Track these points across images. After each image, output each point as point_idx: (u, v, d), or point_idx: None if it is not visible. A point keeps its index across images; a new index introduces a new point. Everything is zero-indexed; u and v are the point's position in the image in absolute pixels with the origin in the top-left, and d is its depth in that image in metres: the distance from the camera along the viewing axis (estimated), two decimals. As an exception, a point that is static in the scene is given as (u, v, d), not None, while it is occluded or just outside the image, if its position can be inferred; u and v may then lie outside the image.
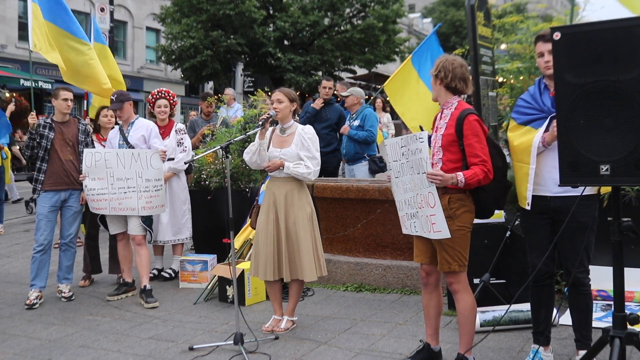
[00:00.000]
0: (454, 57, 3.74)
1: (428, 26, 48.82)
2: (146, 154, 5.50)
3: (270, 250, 4.48)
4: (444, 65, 3.65)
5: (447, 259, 3.56)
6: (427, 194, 3.49)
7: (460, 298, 3.64)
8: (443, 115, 3.69)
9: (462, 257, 3.58)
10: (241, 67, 25.70)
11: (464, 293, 3.64)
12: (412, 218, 3.69)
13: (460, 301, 3.64)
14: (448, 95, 3.68)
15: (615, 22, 2.70)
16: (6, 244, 8.67)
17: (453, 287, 3.64)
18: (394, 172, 3.83)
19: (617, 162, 2.70)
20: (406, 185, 3.70)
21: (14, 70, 21.37)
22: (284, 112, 4.52)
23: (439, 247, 3.58)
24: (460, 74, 3.63)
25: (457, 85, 3.64)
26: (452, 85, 3.64)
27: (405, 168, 3.68)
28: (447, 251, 3.55)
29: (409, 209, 3.71)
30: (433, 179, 3.43)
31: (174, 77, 29.47)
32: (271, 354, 4.14)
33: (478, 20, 4.83)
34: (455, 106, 3.65)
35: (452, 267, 3.56)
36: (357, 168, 7.43)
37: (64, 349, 4.43)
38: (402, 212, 3.82)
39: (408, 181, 3.67)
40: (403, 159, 3.68)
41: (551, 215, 3.52)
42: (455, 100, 3.68)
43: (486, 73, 5.00)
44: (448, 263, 3.56)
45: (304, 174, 4.42)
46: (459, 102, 3.68)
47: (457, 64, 3.65)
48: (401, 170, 3.73)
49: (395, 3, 25.04)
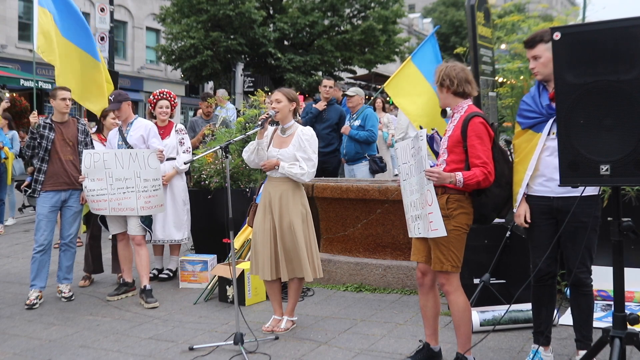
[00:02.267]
0: (452, 63, 3.76)
1: (428, 26, 48.83)
2: (144, 154, 5.50)
3: (267, 250, 4.49)
4: (446, 73, 3.66)
5: (441, 258, 3.55)
6: (425, 192, 3.49)
7: (452, 300, 3.63)
8: (453, 119, 3.72)
9: (456, 258, 3.56)
10: (241, 67, 25.69)
11: (455, 294, 3.62)
12: (417, 220, 3.68)
13: (453, 303, 3.64)
14: (457, 100, 3.69)
15: (615, 22, 2.70)
16: (6, 244, 8.67)
17: (445, 288, 3.63)
18: (402, 175, 3.84)
19: (617, 162, 2.70)
20: (413, 186, 3.71)
21: (14, 70, 21.36)
22: (283, 112, 4.52)
23: (434, 245, 3.58)
24: (464, 77, 3.65)
25: (465, 89, 3.66)
26: (460, 90, 3.65)
27: (412, 169, 3.69)
28: (441, 250, 3.55)
29: (415, 210, 3.71)
30: (430, 176, 3.44)
31: (174, 77, 29.47)
32: (271, 354, 4.14)
33: (478, 20, 4.84)
34: (465, 109, 3.67)
35: (444, 267, 3.56)
36: (357, 168, 7.43)
37: (64, 349, 4.43)
38: (408, 214, 3.82)
39: (415, 182, 3.68)
40: (412, 160, 3.69)
41: (554, 216, 3.52)
42: (465, 104, 3.69)
43: (486, 73, 5.00)
44: (441, 262, 3.56)
45: (297, 175, 4.42)
46: (469, 105, 3.69)
47: (458, 69, 3.67)
48: (409, 172, 3.74)
49: (395, 3, 25.04)
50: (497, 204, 3.64)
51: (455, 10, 45.08)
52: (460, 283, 3.67)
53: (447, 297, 3.67)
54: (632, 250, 4.42)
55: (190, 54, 23.23)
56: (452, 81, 3.63)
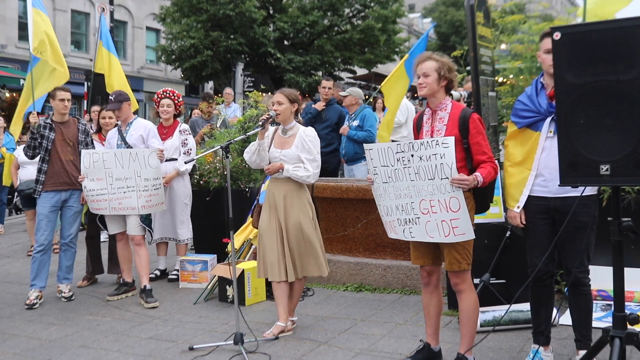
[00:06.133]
0: (438, 53, 3.76)
1: (428, 26, 48.72)
2: (144, 153, 5.50)
3: (275, 251, 4.47)
4: (450, 66, 3.63)
5: (458, 258, 3.56)
6: (448, 199, 3.43)
7: (465, 298, 3.64)
8: (438, 118, 3.66)
9: (470, 255, 3.60)
10: (241, 67, 25.69)
11: (469, 292, 3.65)
12: (408, 224, 3.65)
13: (465, 300, 3.64)
14: (443, 96, 3.67)
15: (615, 22, 2.70)
16: (6, 244, 8.67)
17: (459, 287, 3.64)
18: (381, 177, 3.74)
19: (617, 162, 2.70)
20: (400, 191, 3.65)
21: (14, 70, 21.34)
22: (285, 114, 4.50)
23: (448, 248, 3.57)
24: (453, 67, 3.66)
25: (454, 87, 3.69)
26: (451, 87, 3.66)
27: (401, 174, 3.62)
28: (457, 251, 3.55)
29: (403, 214, 3.67)
30: (460, 184, 3.40)
31: (174, 77, 29.44)
32: (271, 354, 4.14)
33: (478, 20, 4.82)
34: (450, 107, 3.65)
35: (462, 266, 3.57)
36: (356, 168, 7.43)
37: (64, 349, 4.44)
38: (390, 217, 3.77)
39: (404, 187, 3.61)
40: (398, 164, 3.61)
41: (551, 215, 3.52)
42: (448, 102, 3.68)
43: (486, 73, 4.99)
44: (458, 262, 3.56)
45: (303, 177, 4.41)
46: (453, 102, 3.69)
47: (454, 66, 3.68)
48: (393, 176, 3.66)
49: (395, 3, 25.03)
50: (491, 190, 3.72)
51: (455, 10, 45.02)
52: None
53: (459, 295, 3.67)
54: (632, 250, 4.42)
55: (190, 54, 23.22)
56: (451, 69, 3.63)
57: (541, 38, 3.62)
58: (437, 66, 3.62)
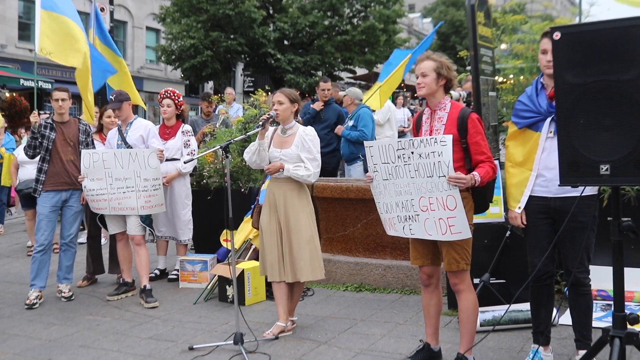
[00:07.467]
0: (438, 53, 3.77)
1: (428, 26, 48.79)
2: (144, 153, 5.50)
3: (275, 251, 4.48)
4: (448, 65, 3.63)
5: (456, 257, 3.56)
6: (445, 197, 3.44)
7: (464, 298, 3.64)
8: (437, 117, 3.66)
9: (469, 255, 3.59)
10: (241, 67, 25.71)
11: (468, 292, 3.65)
12: (407, 221, 3.66)
13: (464, 300, 3.64)
14: (442, 95, 3.67)
15: (615, 22, 2.69)
16: (6, 244, 8.67)
17: (457, 287, 3.64)
18: (381, 174, 3.75)
19: (617, 162, 2.70)
20: (401, 188, 3.65)
21: (14, 70, 21.34)
22: (285, 114, 4.50)
23: (447, 247, 3.57)
24: (451, 66, 3.65)
25: (453, 86, 3.68)
26: (450, 86, 3.66)
27: (401, 171, 3.62)
28: (456, 250, 3.55)
29: (403, 211, 3.67)
30: (457, 182, 3.40)
31: (174, 77, 29.45)
32: (271, 354, 4.14)
33: (478, 20, 4.82)
34: (449, 107, 3.65)
35: (460, 266, 3.57)
36: (353, 168, 7.45)
37: (64, 349, 4.44)
38: (390, 214, 3.78)
39: (404, 184, 3.62)
40: (399, 161, 3.62)
41: (551, 215, 3.52)
42: (447, 101, 3.68)
43: (486, 73, 4.99)
44: (457, 262, 3.56)
45: (304, 176, 4.41)
46: (451, 102, 3.68)
47: (446, 59, 3.68)
48: (394, 173, 3.67)
49: (396, 3, 25.03)
50: (491, 189, 3.70)
51: (455, 10, 45.04)
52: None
53: (458, 295, 3.67)
54: (632, 250, 4.42)
55: (190, 54, 23.23)
56: (449, 67, 3.62)
57: (541, 38, 3.63)
58: (436, 66, 3.62)
